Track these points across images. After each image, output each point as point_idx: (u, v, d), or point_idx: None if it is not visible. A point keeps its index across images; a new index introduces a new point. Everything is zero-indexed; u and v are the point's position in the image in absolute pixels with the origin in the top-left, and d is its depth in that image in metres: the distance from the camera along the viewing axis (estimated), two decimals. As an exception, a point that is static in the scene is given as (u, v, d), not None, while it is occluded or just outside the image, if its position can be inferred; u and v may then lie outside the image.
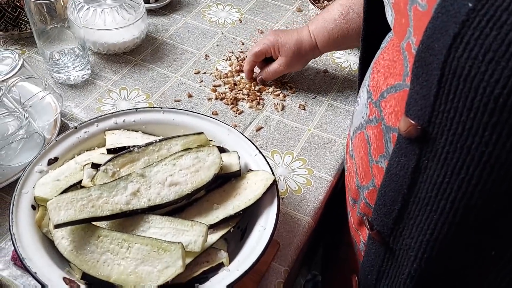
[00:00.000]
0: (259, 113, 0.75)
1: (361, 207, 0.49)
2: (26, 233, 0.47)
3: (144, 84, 0.78)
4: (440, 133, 0.33)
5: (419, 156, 0.35)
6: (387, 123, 0.42)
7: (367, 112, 0.47)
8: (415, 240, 0.38)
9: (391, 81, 0.42)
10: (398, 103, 0.40)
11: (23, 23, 0.82)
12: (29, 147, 0.62)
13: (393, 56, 0.43)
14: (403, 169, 0.37)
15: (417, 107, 0.34)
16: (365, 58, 0.58)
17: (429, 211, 0.36)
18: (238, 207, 0.51)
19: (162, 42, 0.87)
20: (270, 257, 0.56)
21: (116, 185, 0.48)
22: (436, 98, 0.32)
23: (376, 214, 0.42)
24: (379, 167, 0.44)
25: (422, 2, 0.34)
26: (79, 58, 0.75)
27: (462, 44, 0.29)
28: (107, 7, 0.79)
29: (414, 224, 0.38)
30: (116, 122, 0.59)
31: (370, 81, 0.47)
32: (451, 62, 0.30)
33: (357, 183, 0.50)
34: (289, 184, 0.66)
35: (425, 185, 0.35)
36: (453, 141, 0.32)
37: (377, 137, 0.44)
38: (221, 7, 0.97)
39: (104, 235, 0.46)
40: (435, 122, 0.33)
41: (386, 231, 0.41)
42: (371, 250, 0.45)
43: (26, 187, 0.51)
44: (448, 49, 0.30)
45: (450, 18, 0.30)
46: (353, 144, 0.51)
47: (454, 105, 0.31)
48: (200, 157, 0.52)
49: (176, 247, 0.45)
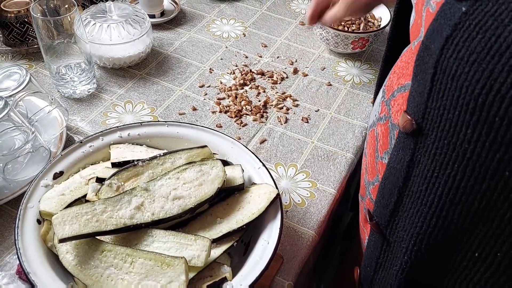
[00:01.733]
0: (263, 126, 0.76)
1: (366, 203, 0.50)
2: (31, 247, 0.47)
3: (149, 98, 0.79)
4: (431, 129, 0.34)
5: (413, 150, 0.37)
6: (393, 121, 0.43)
7: (379, 110, 0.48)
8: (407, 232, 0.39)
9: (402, 81, 0.44)
10: (404, 102, 0.42)
11: (31, 39, 0.83)
12: (35, 161, 0.63)
13: (408, 58, 0.45)
14: (400, 162, 0.38)
15: (414, 104, 0.36)
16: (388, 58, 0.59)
17: (420, 205, 0.37)
18: (242, 221, 0.51)
19: (167, 56, 0.88)
20: (274, 271, 0.56)
21: (120, 199, 0.49)
22: (429, 95, 0.34)
23: (376, 206, 0.43)
24: (382, 163, 0.45)
25: (433, 4, 0.35)
26: (85, 72, 0.76)
27: (453, 46, 0.31)
28: (113, 23, 0.80)
29: (407, 216, 0.39)
30: (121, 136, 0.59)
31: (386, 81, 0.49)
32: (443, 62, 0.32)
33: (365, 180, 0.51)
34: (292, 197, 0.66)
35: (418, 179, 0.37)
36: (442, 137, 0.33)
37: (384, 134, 0.45)
38: (225, 21, 0.99)
39: (108, 249, 0.46)
40: (427, 118, 0.34)
41: (383, 222, 0.42)
42: (371, 241, 0.46)
43: (32, 201, 0.51)
44: (441, 49, 0.32)
45: (446, 20, 0.32)
46: (367, 142, 0.52)
47: (443, 103, 0.32)
48: (204, 171, 0.52)
49: (179, 262, 0.45)
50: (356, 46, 0.88)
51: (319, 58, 0.91)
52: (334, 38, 0.87)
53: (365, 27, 0.89)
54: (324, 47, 0.93)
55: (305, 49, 0.93)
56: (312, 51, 0.92)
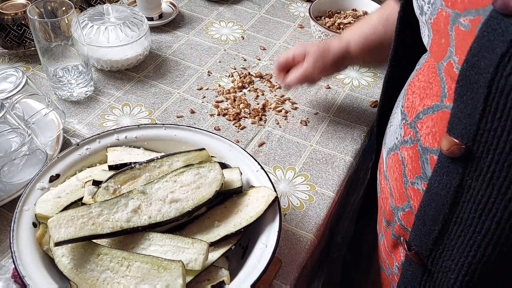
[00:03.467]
0: (261, 129, 0.76)
1: (395, 230, 0.48)
2: (27, 251, 0.47)
3: (146, 100, 0.79)
4: (485, 152, 0.32)
5: (462, 175, 0.34)
6: (423, 144, 0.41)
7: (401, 133, 0.46)
8: (456, 262, 0.37)
9: (428, 102, 0.42)
10: (436, 124, 0.40)
11: (28, 41, 0.83)
12: (31, 163, 0.62)
13: (429, 77, 0.43)
14: (445, 188, 0.36)
15: (461, 126, 0.34)
16: (391, 78, 0.58)
17: (472, 232, 0.35)
18: (240, 224, 0.51)
19: (165, 58, 0.88)
20: (272, 275, 0.55)
21: (117, 202, 0.48)
22: (482, 116, 0.32)
23: (415, 234, 0.41)
24: (415, 189, 0.43)
25: (464, 22, 0.34)
26: (82, 75, 0.76)
27: (510, 63, 0.29)
28: (110, 25, 0.80)
29: (455, 245, 0.37)
30: (118, 139, 0.59)
31: (404, 102, 0.47)
32: (499, 81, 0.30)
33: (392, 205, 0.49)
34: (291, 200, 0.65)
35: (468, 205, 0.35)
36: (500, 160, 0.31)
37: (412, 158, 0.43)
38: (224, 24, 0.98)
39: (104, 253, 0.46)
40: (480, 141, 0.32)
41: (424, 252, 0.40)
42: (408, 271, 0.43)
43: (28, 204, 0.51)
44: (496, 67, 0.30)
45: (497, 37, 0.30)
46: (387, 165, 0.50)
47: (502, 124, 0.31)
48: (202, 173, 0.52)
49: (176, 266, 0.44)
50: (355, 49, 0.88)
51: (317, 61, 0.90)
52: (333, 41, 0.87)
53: (364, 30, 0.89)
54: (322, 50, 0.93)
55: (303, 52, 0.92)
56: (311, 54, 0.92)
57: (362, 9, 0.95)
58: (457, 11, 0.34)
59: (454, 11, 0.35)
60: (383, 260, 0.55)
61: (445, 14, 0.36)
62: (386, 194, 0.51)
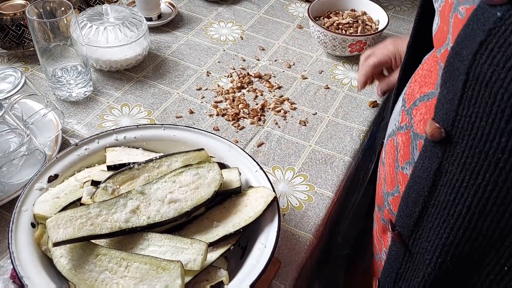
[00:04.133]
0: (260, 129, 0.76)
1: (384, 214, 0.49)
2: (25, 251, 0.47)
3: (145, 101, 0.79)
4: (461, 137, 0.33)
5: (441, 159, 0.35)
6: (415, 130, 0.42)
7: (399, 119, 0.47)
8: (432, 243, 0.38)
9: (425, 89, 0.43)
10: (428, 111, 0.41)
11: (27, 41, 0.83)
12: (30, 163, 0.62)
13: (431, 66, 0.44)
14: (426, 171, 0.37)
15: (443, 111, 0.35)
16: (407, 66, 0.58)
17: (446, 215, 0.36)
18: (238, 224, 0.51)
19: (164, 59, 0.88)
20: (271, 275, 0.55)
21: (116, 202, 0.48)
22: (460, 102, 0.32)
23: (399, 215, 0.42)
24: (403, 174, 0.44)
25: (462, 10, 0.34)
26: (81, 75, 0.76)
27: (487, 51, 0.30)
28: (109, 25, 0.80)
29: (432, 227, 0.38)
30: (117, 139, 0.59)
31: (406, 90, 0.48)
32: (475, 68, 0.31)
33: (384, 190, 0.50)
34: (290, 201, 0.65)
35: (445, 189, 0.36)
36: (472, 145, 0.32)
37: (405, 143, 0.44)
38: (223, 24, 0.98)
39: (103, 253, 0.46)
40: (457, 126, 0.33)
41: (406, 232, 0.41)
42: (392, 251, 0.44)
43: (26, 205, 0.51)
44: (474, 55, 0.31)
45: (479, 26, 0.31)
46: (385, 151, 0.51)
47: (476, 110, 0.31)
48: (200, 174, 0.52)
49: (175, 266, 0.44)
50: (354, 49, 0.88)
51: (316, 61, 0.91)
52: (332, 41, 0.87)
53: (363, 30, 0.89)
54: (321, 50, 0.93)
55: (302, 52, 0.92)
56: (310, 54, 0.92)
57: (361, 9, 0.95)
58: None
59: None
60: (374, 246, 0.56)
61: (450, 2, 0.37)
62: (381, 180, 0.52)
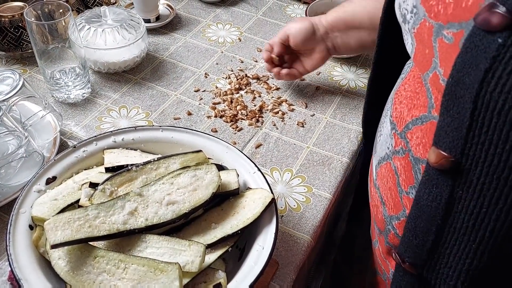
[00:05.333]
0: (258, 130, 0.76)
1: (389, 238, 0.49)
2: (23, 254, 0.47)
3: (143, 102, 0.79)
4: (474, 164, 0.33)
5: (452, 187, 0.35)
6: (415, 155, 0.42)
7: (392, 143, 0.47)
8: (453, 269, 0.38)
9: (416, 112, 0.42)
10: (425, 135, 0.40)
11: (25, 43, 0.83)
12: (28, 166, 0.62)
13: (415, 87, 0.43)
14: (436, 200, 0.37)
15: (448, 139, 0.34)
16: (375, 82, 0.59)
17: (467, 241, 0.36)
18: (236, 226, 0.51)
19: (162, 60, 0.88)
20: (269, 277, 0.56)
21: (114, 204, 0.48)
22: (469, 130, 0.32)
23: (406, 246, 0.42)
24: (409, 198, 0.44)
25: (448, 35, 0.34)
26: (79, 77, 0.76)
27: (494, 79, 0.30)
28: (108, 27, 0.80)
29: (450, 253, 0.38)
30: (115, 141, 0.59)
31: (392, 112, 0.47)
32: (484, 96, 0.31)
33: (385, 213, 0.49)
34: (288, 202, 0.65)
35: (461, 215, 0.36)
36: (489, 172, 0.32)
37: (405, 168, 0.44)
38: (221, 26, 0.99)
39: (101, 255, 0.46)
40: (468, 154, 0.33)
41: (419, 262, 0.41)
42: (403, 281, 0.44)
43: (24, 207, 0.51)
44: (480, 83, 0.30)
45: (480, 53, 0.30)
46: (378, 174, 0.50)
47: (489, 138, 0.31)
48: (198, 175, 0.52)
49: (173, 268, 0.44)
50: (352, 51, 0.88)
51: (314, 63, 0.91)
52: (330, 43, 0.87)
53: (360, 32, 0.89)
54: (319, 52, 0.93)
55: (300, 54, 0.93)
56: (308, 56, 0.92)
57: (359, 11, 0.95)
58: (441, 23, 0.35)
59: (438, 23, 0.35)
60: (379, 265, 0.56)
61: (428, 25, 0.36)
62: (377, 202, 0.52)
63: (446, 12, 0.34)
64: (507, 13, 0.29)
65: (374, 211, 0.53)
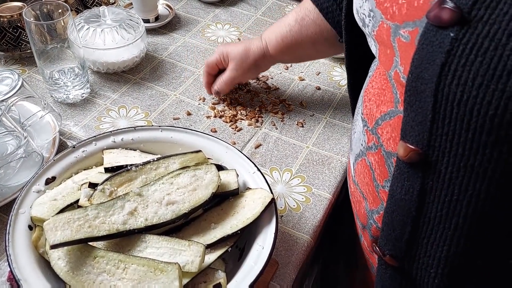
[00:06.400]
0: (258, 130, 0.76)
1: (372, 231, 0.50)
2: (22, 254, 0.47)
3: (143, 102, 0.79)
4: (441, 155, 0.34)
5: (423, 179, 0.36)
6: (386, 149, 0.43)
7: (365, 139, 0.48)
8: (432, 257, 0.38)
9: (384, 108, 0.43)
10: (394, 129, 0.42)
11: (24, 43, 0.82)
12: (27, 166, 0.62)
13: (382, 84, 0.45)
14: (408, 192, 0.38)
15: (414, 133, 0.35)
16: (353, 85, 0.60)
17: (443, 229, 0.36)
18: (236, 226, 0.51)
19: (161, 60, 0.88)
20: (269, 277, 0.56)
21: (113, 204, 0.48)
22: (433, 123, 0.33)
23: (386, 239, 0.42)
24: (386, 191, 0.45)
25: (404, 34, 0.35)
26: (78, 77, 0.76)
27: (451, 72, 0.31)
28: (106, 27, 0.80)
29: (428, 242, 0.38)
30: (114, 141, 0.59)
31: (363, 109, 0.48)
32: (443, 89, 0.32)
33: (366, 208, 0.50)
34: (288, 202, 0.65)
35: (434, 205, 0.36)
36: (456, 161, 0.33)
37: (379, 163, 0.45)
38: (220, 26, 0.99)
39: (101, 255, 0.46)
40: (434, 146, 0.34)
41: (399, 254, 0.41)
42: (386, 274, 0.44)
43: (23, 207, 0.51)
44: (438, 77, 0.32)
45: (435, 48, 0.31)
46: (356, 171, 0.51)
47: (452, 128, 0.32)
48: (198, 175, 0.52)
49: (172, 268, 0.44)
50: (351, 51, 0.88)
51: (314, 63, 0.91)
52: (329, 42, 0.87)
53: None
54: (318, 52, 0.93)
55: (300, 54, 0.93)
56: (307, 56, 0.92)
57: (358, 11, 0.95)
58: (397, 23, 0.36)
59: (394, 23, 0.36)
60: (367, 259, 0.56)
61: (386, 27, 0.37)
62: (358, 198, 0.52)
63: (401, 12, 0.35)
64: (456, 8, 0.30)
65: (356, 206, 0.54)
